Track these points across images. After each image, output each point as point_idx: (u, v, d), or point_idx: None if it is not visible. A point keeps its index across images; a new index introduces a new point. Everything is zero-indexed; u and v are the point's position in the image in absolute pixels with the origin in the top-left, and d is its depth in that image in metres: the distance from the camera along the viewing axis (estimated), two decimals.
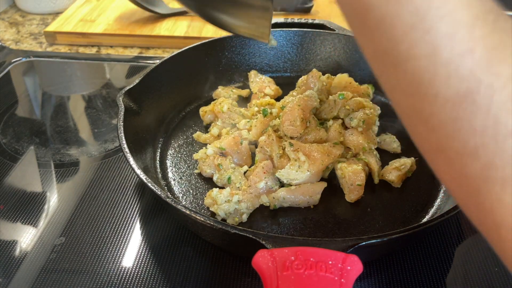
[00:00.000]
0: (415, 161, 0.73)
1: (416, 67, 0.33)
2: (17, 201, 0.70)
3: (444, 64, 0.32)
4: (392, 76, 0.35)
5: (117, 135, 0.66)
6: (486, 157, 0.31)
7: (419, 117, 0.34)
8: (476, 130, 0.31)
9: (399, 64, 0.34)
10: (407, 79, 0.34)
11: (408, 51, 0.33)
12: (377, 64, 0.36)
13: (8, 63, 1.05)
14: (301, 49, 0.94)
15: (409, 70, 0.33)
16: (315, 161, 0.68)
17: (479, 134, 0.31)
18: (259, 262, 0.47)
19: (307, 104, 0.72)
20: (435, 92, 0.32)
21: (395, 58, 0.34)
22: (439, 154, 0.35)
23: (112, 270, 0.61)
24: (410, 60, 0.33)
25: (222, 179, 0.70)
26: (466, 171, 0.33)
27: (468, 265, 0.61)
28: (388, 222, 0.66)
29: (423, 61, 0.32)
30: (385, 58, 0.35)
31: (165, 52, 1.11)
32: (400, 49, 0.33)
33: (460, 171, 0.33)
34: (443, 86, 0.32)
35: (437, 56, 0.32)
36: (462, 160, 0.33)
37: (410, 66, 0.33)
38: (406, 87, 0.34)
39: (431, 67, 0.32)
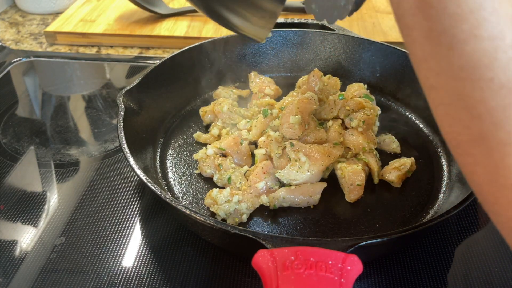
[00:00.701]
0: (414, 161, 0.73)
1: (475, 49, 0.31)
2: (17, 201, 0.70)
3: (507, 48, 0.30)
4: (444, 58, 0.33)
5: (117, 135, 0.66)
6: None
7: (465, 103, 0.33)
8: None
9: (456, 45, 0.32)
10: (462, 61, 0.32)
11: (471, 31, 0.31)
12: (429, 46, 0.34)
13: (8, 63, 1.06)
14: (301, 49, 0.94)
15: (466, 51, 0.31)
16: (315, 162, 0.68)
17: None
18: (259, 262, 0.47)
19: (306, 106, 0.72)
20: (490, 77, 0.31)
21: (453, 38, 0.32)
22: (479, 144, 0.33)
23: (112, 270, 0.61)
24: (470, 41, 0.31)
25: (222, 179, 0.70)
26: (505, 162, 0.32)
27: (468, 265, 0.61)
28: (388, 222, 0.66)
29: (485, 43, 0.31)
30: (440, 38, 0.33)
31: (165, 52, 1.11)
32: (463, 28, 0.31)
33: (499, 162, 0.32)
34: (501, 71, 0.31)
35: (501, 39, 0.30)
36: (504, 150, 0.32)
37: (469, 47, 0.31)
38: (458, 71, 0.32)
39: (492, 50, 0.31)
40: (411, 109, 0.85)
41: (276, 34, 0.93)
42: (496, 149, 0.32)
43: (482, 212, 0.69)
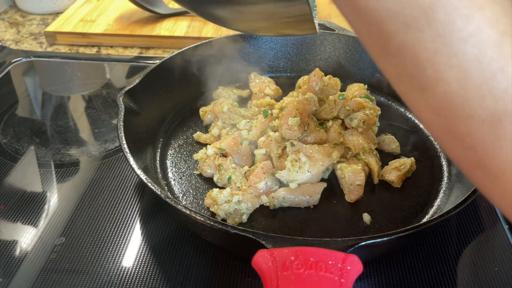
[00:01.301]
0: (414, 161, 0.73)
1: (446, 90, 0.31)
2: (17, 201, 0.70)
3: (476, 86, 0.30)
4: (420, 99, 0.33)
5: (117, 135, 0.66)
6: None
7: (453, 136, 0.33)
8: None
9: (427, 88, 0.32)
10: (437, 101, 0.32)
11: (436, 76, 0.31)
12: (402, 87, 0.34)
13: (8, 63, 1.06)
14: (301, 49, 0.94)
15: (438, 93, 0.32)
16: (315, 162, 0.68)
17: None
18: (259, 262, 0.47)
19: (305, 108, 0.72)
20: (469, 114, 0.31)
21: (422, 82, 0.32)
22: (480, 171, 0.33)
23: (112, 270, 0.61)
24: (439, 84, 0.31)
25: (222, 179, 0.70)
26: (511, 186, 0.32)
27: (468, 265, 0.61)
28: (388, 222, 0.66)
29: (453, 85, 0.31)
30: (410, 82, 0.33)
31: (165, 52, 1.11)
32: (427, 74, 0.31)
33: (505, 186, 0.32)
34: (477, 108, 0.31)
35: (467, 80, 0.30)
36: (506, 176, 0.32)
37: (439, 90, 0.32)
38: (436, 110, 0.33)
39: (463, 90, 0.31)
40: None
41: None
42: (499, 175, 0.32)
43: (482, 212, 0.69)
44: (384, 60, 0.34)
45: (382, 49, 0.33)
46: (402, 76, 0.33)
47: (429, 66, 0.31)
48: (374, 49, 0.34)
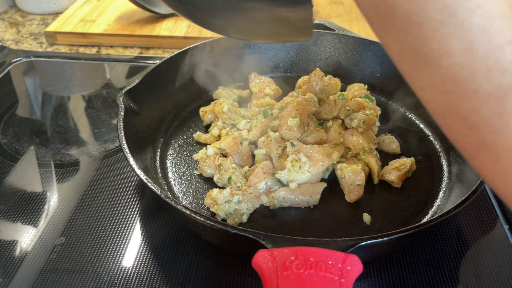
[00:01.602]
0: (414, 161, 0.73)
1: (451, 64, 0.31)
2: (17, 201, 0.70)
3: (483, 58, 0.30)
4: (424, 75, 0.33)
5: (117, 135, 0.66)
6: None
7: (457, 114, 0.32)
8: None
9: (431, 62, 0.32)
10: (441, 76, 0.32)
11: (441, 48, 0.31)
12: (406, 63, 0.34)
13: (8, 63, 1.06)
14: (301, 49, 0.94)
15: (443, 67, 0.31)
16: (315, 162, 0.68)
17: None
18: (259, 262, 0.47)
19: (305, 108, 0.72)
20: (475, 88, 0.31)
21: (426, 56, 0.32)
22: (483, 151, 0.33)
23: (112, 270, 0.61)
24: (443, 57, 0.31)
25: (223, 179, 0.70)
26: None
27: (468, 265, 0.61)
28: (388, 222, 0.66)
29: (459, 57, 0.30)
30: (414, 57, 0.33)
31: (165, 52, 1.11)
32: (432, 46, 0.31)
33: (509, 167, 0.32)
34: (483, 81, 0.30)
35: (474, 51, 0.30)
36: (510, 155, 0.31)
37: (444, 63, 0.31)
38: (441, 85, 0.32)
39: (469, 62, 0.30)
40: (411, 109, 0.85)
41: None
42: (503, 155, 0.31)
43: (482, 212, 0.69)
44: (388, 35, 0.33)
45: (386, 22, 0.33)
46: (406, 51, 0.33)
47: (434, 38, 0.31)
48: (378, 22, 0.34)
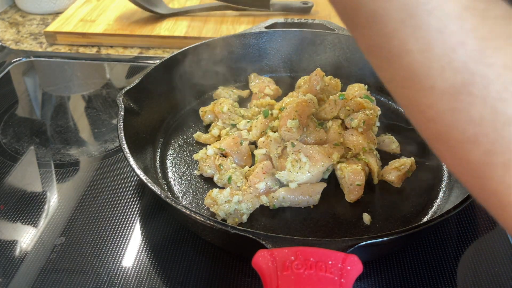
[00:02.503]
0: (414, 161, 0.73)
1: (410, 61, 0.33)
2: (17, 201, 0.70)
3: (438, 58, 0.32)
4: (388, 70, 0.35)
5: (117, 135, 0.66)
6: (487, 144, 0.32)
7: (417, 108, 0.35)
8: (474, 119, 0.32)
9: (393, 59, 0.34)
10: (402, 72, 0.34)
11: (401, 47, 0.33)
12: (373, 58, 0.37)
13: (8, 63, 1.05)
14: (301, 49, 0.94)
15: (403, 64, 0.33)
16: (316, 163, 0.67)
17: (478, 123, 0.32)
18: (259, 262, 0.47)
19: (304, 109, 0.72)
20: (430, 85, 0.33)
21: (388, 53, 0.34)
22: (440, 142, 0.35)
23: (112, 270, 0.61)
24: (403, 55, 0.33)
25: (223, 179, 0.70)
26: (468, 157, 0.33)
27: (468, 265, 0.61)
28: (388, 222, 0.66)
29: (417, 55, 0.33)
30: (379, 53, 0.35)
31: (165, 52, 1.11)
32: (393, 44, 0.33)
33: (462, 158, 0.34)
34: (438, 79, 0.32)
35: (429, 51, 0.32)
36: (463, 147, 0.33)
37: (404, 60, 0.33)
38: (402, 80, 0.35)
39: (425, 61, 0.32)
40: None
41: (276, 34, 0.93)
42: (457, 147, 0.34)
43: (481, 212, 0.69)
44: (356, 31, 0.36)
45: (353, 20, 0.35)
46: (371, 47, 0.35)
47: (395, 37, 0.33)
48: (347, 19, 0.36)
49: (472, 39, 0.31)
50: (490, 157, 0.32)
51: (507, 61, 0.31)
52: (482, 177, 0.33)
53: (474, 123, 0.32)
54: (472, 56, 0.31)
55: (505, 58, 0.31)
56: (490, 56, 0.31)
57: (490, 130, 0.32)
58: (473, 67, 0.31)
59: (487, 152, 0.32)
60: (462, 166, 0.35)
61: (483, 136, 0.32)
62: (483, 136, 0.32)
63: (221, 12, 1.21)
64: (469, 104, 0.32)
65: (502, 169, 0.32)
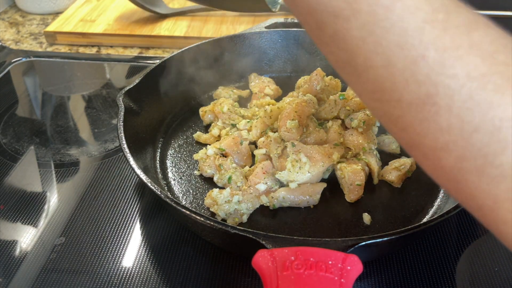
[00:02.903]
0: (414, 161, 0.73)
1: (375, 76, 0.34)
2: (17, 201, 0.70)
3: (401, 72, 0.32)
4: (357, 84, 0.36)
5: (117, 135, 0.66)
6: (457, 151, 0.33)
7: (389, 119, 0.36)
8: (442, 128, 0.32)
9: (360, 74, 0.35)
10: (370, 86, 0.35)
11: (365, 63, 0.34)
12: (341, 73, 0.37)
13: (8, 63, 1.05)
14: (301, 49, 0.94)
15: (370, 78, 0.34)
16: (316, 163, 0.67)
17: (446, 132, 0.32)
18: (259, 262, 0.47)
19: (304, 110, 0.72)
20: (397, 98, 0.33)
21: (355, 69, 0.35)
22: (414, 150, 0.36)
23: (112, 270, 0.61)
24: (369, 70, 0.34)
25: (223, 179, 0.70)
26: (442, 164, 0.34)
27: (468, 265, 0.61)
28: (388, 222, 0.66)
29: (380, 70, 0.33)
30: (347, 68, 0.36)
31: (165, 52, 1.11)
32: (357, 61, 0.34)
33: (437, 164, 0.35)
34: (403, 92, 0.33)
35: (392, 66, 0.32)
36: (436, 154, 0.34)
37: (370, 75, 0.34)
38: (371, 94, 0.35)
39: (389, 75, 0.33)
40: None
41: (276, 34, 0.93)
42: (430, 154, 0.35)
43: None
44: (323, 48, 0.37)
45: (319, 38, 0.36)
46: (339, 63, 0.36)
47: (359, 54, 0.33)
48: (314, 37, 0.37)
49: (432, 51, 0.31)
50: (462, 163, 0.33)
51: (469, 70, 0.31)
52: (457, 182, 0.34)
53: (443, 131, 0.32)
54: (434, 68, 0.31)
55: (467, 67, 0.31)
56: (452, 66, 0.31)
57: (459, 138, 0.32)
58: (436, 78, 0.31)
59: (459, 158, 0.33)
60: (438, 172, 0.36)
61: (453, 143, 0.32)
62: (453, 143, 0.32)
63: (221, 12, 1.21)
64: (436, 114, 0.32)
65: (476, 174, 0.32)
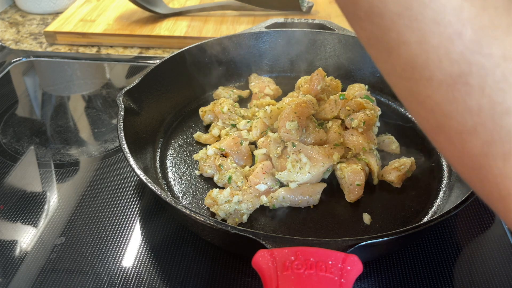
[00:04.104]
0: (414, 161, 0.73)
1: (408, 53, 0.33)
2: (17, 201, 0.70)
3: (435, 49, 0.32)
4: (387, 61, 0.36)
5: (117, 135, 0.66)
6: (485, 135, 0.32)
7: (416, 99, 0.35)
8: (472, 110, 0.32)
9: (391, 50, 0.34)
10: (401, 64, 0.34)
11: (398, 38, 0.33)
12: (372, 50, 0.37)
13: (8, 63, 1.06)
14: (301, 49, 0.94)
15: (402, 55, 0.34)
16: (316, 163, 0.67)
17: (476, 114, 0.32)
18: (259, 262, 0.47)
19: (303, 111, 0.72)
20: (428, 76, 0.33)
21: (387, 45, 0.34)
22: (439, 133, 0.35)
23: (112, 270, 0.61)
24: (401, 47, 0.33)
25: (223, 179, 0.70)
26: (467, 148, 0.33)
27: (468, 265, 0.61)
28: (388, 222, 0.66)
29: (414, 47, 0.33)
30: (378, 45, 0.35)
31: (165, 52, 1.11)
32: (391, 36, 0.33)
33: (462, 149, 0.34)
34: (435, 69, 0.32)
35: (426, 42, 0.32)
36: (462, 138, 0.33)
37: (402, 52, 0.33)
38: (401, 72, 0.35)
39: (422, 52, 0.32)
40: None
41: (276, 34, 0.93)
42: (456, 137, 0.34)
43: (482, 212, 0.69)
44: (356, 24, 0.36)
45: (353, 13, 0.35)
46: (371, 40, 0.36)
47: (393, 29, 0.33)
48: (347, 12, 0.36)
49: (469, 29, 0.31)
50: (489, 148, 0.32)
51: (506, 51, 0.31)
52: (481, 168, 0.33)
53: (472, 113, 0.32)
54: (470, 46, 0.31)
55: (504, 48, 0.31)
56: (488, 46, 0.31)
57: (488, 120, 0.31)
58: (470, 57, 0.31)
59: (486, 142, 0.32)
60: (461, 158, 0.35)
61: (482, 126, 0.32)
62: (482, 126, 0.32)
63: (221, 12, 1.21)
64: (467, 94, 0.32)
65: (502, 159, 0.32)
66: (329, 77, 0.82)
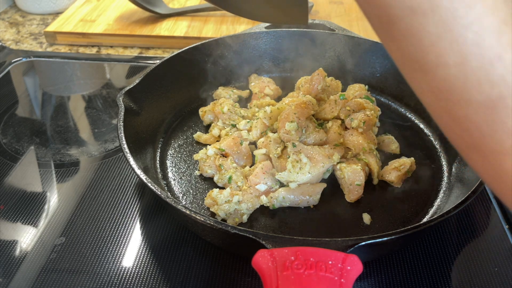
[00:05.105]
0: (414, 161, 0.73)
1: (446, 74, 0.33)
2: (17, 201, 0.70)
3: (474, 71, 0.32)
4: (423, 81, 0.35)
5: (117, 135, 0.66)
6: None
7: (452, 118, 0.35)
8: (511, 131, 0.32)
9: (428, 71, 0.34)
10: (437, 85, 0.34)
11: (437, 60, 0.33)
12: (406, 70, 0.36)
13: (8, 63, 1.06)
14: (301, 49, 0.94)
15: (439, 77, 0.33)
16: (316, 164, 0.68)
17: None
18: (259, 262, 0.47)
19: (303, 111, 0.72)
20: (467, 98, 0.33)
21: (424, 66, 0.34)
22: (474, 152, 0.35)
23: (112, 270, 0.61)
24: (439, 68, 0.33)
25: (223, 179, 0.70)
26: (504, 167, 0.33)
27: (468, 265, 0.61)
28: (388, 222, 0.66)
29: (453, 69, 0.32)
30: (414, 65, 0.35)
31: (165, 52, 1.11)
32: (429, 58, 0.33)
33: (498, 168, 0.34)
34: (474, 92, 0.32)
35: (466, 64, 0.32)
36: (499, 158, 0.33)
37: (440, 73, 0.33)
38: (438, 92, 0.34)
39: (461, 74, 0.32)
40: (411, 109, 0.85)
41: (276, 34, 0.93)
42: (492, 157, 0.34)
43: (482, 212, 0.69)
44: (390, 43, 0.36)
45: (389, 32, 0.35)
46: (406, 59, 0.35)
47: (431, 51, 0.33)
48: (381, 31, 0.36)
49: (510, 53, 0.31)
50: None
51: None
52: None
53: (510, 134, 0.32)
54: (510, 69, 0.31)
55: None
56: None
57: None
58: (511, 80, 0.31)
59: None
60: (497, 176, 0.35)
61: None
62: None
63: (221, 12, 1.21)
64: (507, 116, 0.32)
65: None
66: (329, 77, 0.82)
